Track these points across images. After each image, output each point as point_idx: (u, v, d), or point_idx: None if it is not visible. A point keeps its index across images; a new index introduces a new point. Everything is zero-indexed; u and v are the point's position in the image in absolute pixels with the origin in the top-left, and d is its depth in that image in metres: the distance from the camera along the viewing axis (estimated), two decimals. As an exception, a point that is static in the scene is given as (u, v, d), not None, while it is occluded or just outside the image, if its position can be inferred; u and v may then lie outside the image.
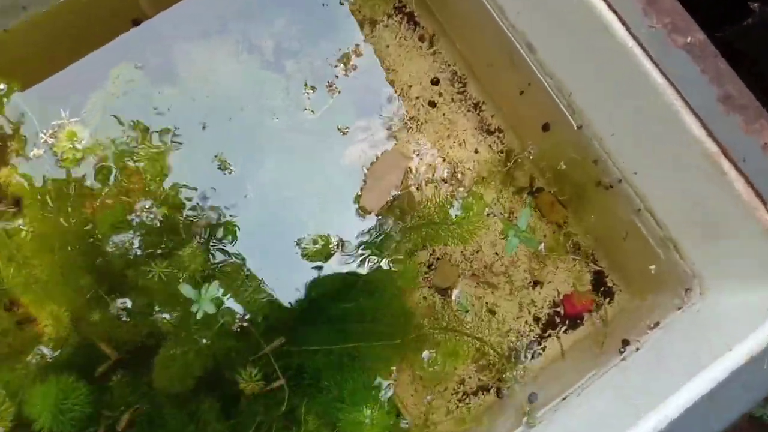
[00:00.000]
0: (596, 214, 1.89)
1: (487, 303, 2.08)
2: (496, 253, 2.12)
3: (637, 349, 1.62)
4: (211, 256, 1.79)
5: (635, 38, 1.37)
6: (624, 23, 1.38)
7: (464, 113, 2.19)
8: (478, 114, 2.19)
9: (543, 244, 1.93)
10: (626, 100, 1.52)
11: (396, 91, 2.19)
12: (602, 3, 1.39)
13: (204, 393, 1.78)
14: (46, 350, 1.57)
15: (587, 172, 1.84)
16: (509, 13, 1.76)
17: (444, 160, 2.14)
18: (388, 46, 2.21)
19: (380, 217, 1.71)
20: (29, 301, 1.75)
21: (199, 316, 1.50)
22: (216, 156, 1.72)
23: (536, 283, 2.10)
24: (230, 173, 1.73)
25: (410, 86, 2.20)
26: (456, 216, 1.66)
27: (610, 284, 2.08)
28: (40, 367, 1.55)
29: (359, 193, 1.76)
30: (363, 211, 1.69)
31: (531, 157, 1.87)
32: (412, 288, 1.95)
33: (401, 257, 1.80)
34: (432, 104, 2.19)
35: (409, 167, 1.86)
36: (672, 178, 1.49)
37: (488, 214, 1.91)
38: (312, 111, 1.75)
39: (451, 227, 1.69)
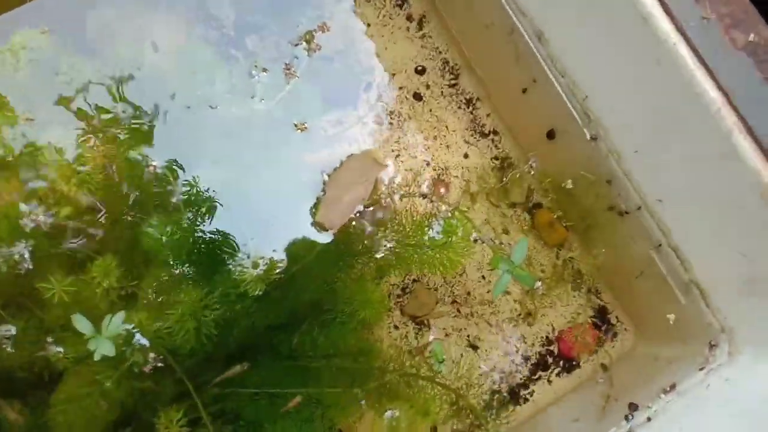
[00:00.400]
0: (604, 243, 1.57)
1: (468, 336, 1.76)
2: (483, 277, 1.80)
3: (649, 419, 1.31)
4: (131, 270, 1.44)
5: (681, 33, 1.04)
6: (668, 12, 1.04)
7: (454, 110, 1.85)
8: (471, 112, 1.86)
9: (540, 283, 1.61)
10: (659, 111, 1.20)
11: (375, 80, 1.84)
12: (641, -17, 1.05)
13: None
14: None
15: (598, 192, 1.51)
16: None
17: (428, 164, 1.81)
18: (369, 25, 1.86)
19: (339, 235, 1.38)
20: None
21: (96, 357, 1.17)
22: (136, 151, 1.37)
23: (527, 315, 1.78)
24: (152, 169, 1.39)
25: (393, 74, 1.85)
26: (435, 239, 1.33)
27: (614, 322, 1.77)
28: None
29: (315, 206, 1.42)
30: (319, 228, 1.36)
31: (532, 173, 1.53)
32: (378, 319, 1.63)
33: (366, 283, 1.47)
34: (418, 97, 1.85)
35: (381, 177, 1.52)
36: (713, 216, 1.17)
37: (475, 240, 1.58)
38: (262, 99, 1.40)
39: (428, 253, 1.36)
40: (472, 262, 1.79)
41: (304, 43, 1.53)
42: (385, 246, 1.40)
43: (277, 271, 1.29)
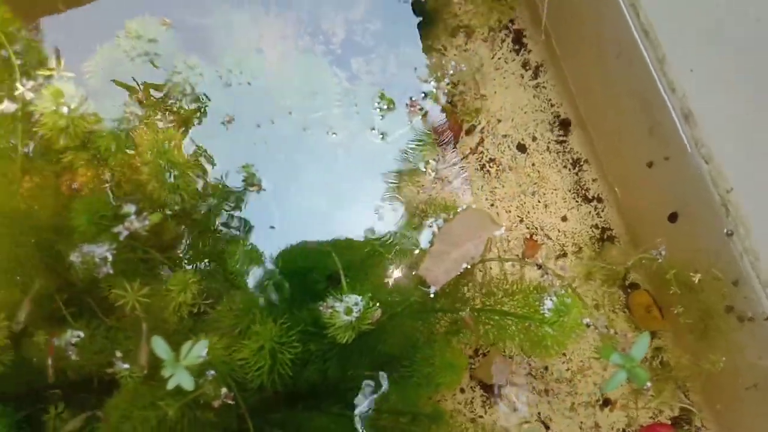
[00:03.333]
0: (712, 344, 1.44)
1: (540, 413, 1.63)
2: (564, 354, 1.67)
3: None
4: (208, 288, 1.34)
5: None
6: None
7: (559, 168, 1.74)
8: (577, 173, 1.74)
9: (650, 383, 1.48)
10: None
11: (479, 123, 1.74)
12: None
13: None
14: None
15: (718, 291, 1.38)
16: (671, 53, 1.30)
17: (521, 221, 1.69)
18: (482, 65, 1.76)
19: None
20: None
21: (170, 386, 1.06)
22: (243, 166, 1.28)
23: (606, 403, 1.64)
24: (259, 192, 1.28)
25: (499, 121, 1.75)
26: (544, 315, 1.21)
27: (699, 425, 1.62)
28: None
29: (421, 258, 1.30)
30: (420, 283, 1.25)
31: (659, 260, 1.40)
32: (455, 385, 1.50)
33: (451, 346, 1.35)
34: (522, 148, 1.74)
35: (493, 238, 1.41)
36: None
37: (588, 325, 1.46)
38: (382, 133, 1.29)
39: (531, 328, 1.24)
40: (554, 334, 1.66)
41: (434, 81, 1.42)
42: (483, 310, 1.29)
43: (369, 322, 1.18)
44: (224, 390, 1.15)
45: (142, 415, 1.22)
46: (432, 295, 1.32)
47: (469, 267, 1.26)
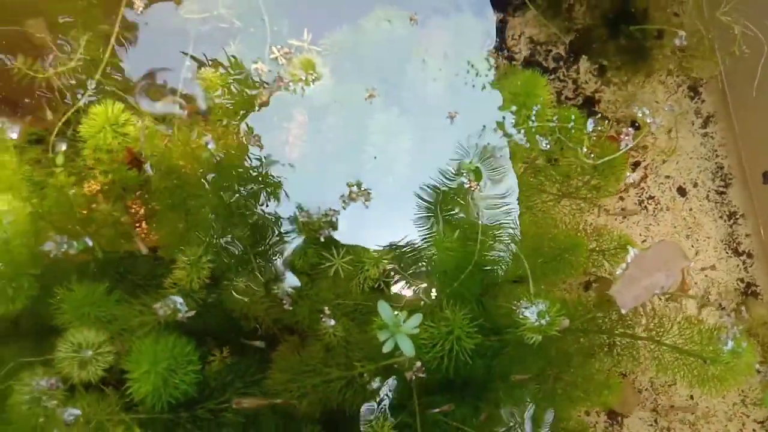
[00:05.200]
0: None
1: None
2: (691, 397, 1.70)
3: None
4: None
5: None
6: None
7: (714, 218, 1.78)
8: (731, 226, 1.77)
9: None
10: None
11: (644, 161, 1.79)
12: None
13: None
14: (179, 303, 1.22)
15: None
16: None
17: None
18: (656, 102, 1.81)
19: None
20: (165, 233, 1.41)
21: (386, 348, 1.13)
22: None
23: (726, 454, 1.67)
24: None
25: (663, 161, 1.79)
26: (719, 354, 1.25)
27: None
28: (163, 320, 1.20)
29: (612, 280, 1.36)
30: (608, 302, 1.31)
31: None
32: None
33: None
34: (682, 192, 1.78)
35: (686, 272, 1.46)
36: None
37: (758, 371, 1.49)
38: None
39: (703, 366, 1.28)
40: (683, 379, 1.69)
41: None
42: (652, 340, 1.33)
43: (557, 329, 1.23)
44: (418, 363, 1.21)
45: (325, 371, 1.29)
46: (605, 317, 1.37)
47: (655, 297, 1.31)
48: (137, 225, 1.38)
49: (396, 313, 1.18)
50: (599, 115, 1.73)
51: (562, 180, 1.63)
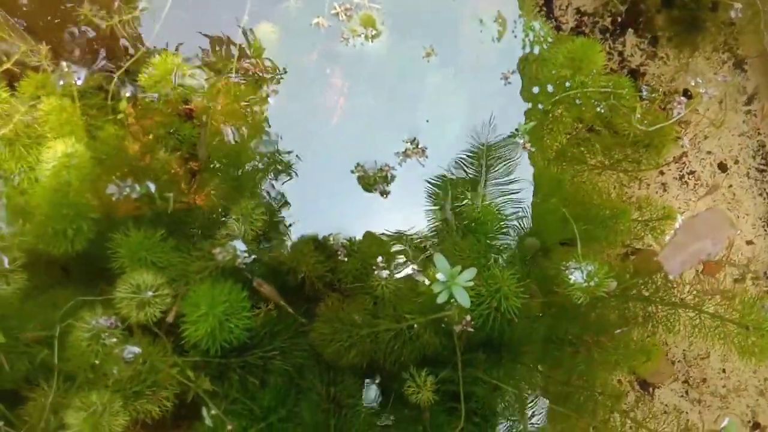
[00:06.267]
0: None
1: (687, 421, 1.68)
2: (723, 370, 1.72)
3: None
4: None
5: None
6: None
7: (754, 195, 1.78)
8: (770, 204, 1.78)
9: None
10: None
11: (686, 135, 1.79)
12: None
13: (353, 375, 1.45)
14: (240, 249, 1.24)
15: None
16: None
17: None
18: (702, 76, 1.81)
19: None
20: (218, 186, 1.43)
21: (440, 300, 1.15)
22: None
23: (756, 426, 1.69)
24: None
25: (705, 137, 1.80)
26: (759, 323, 1.26)
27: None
28: (221, 265, 1.23)
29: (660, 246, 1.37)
30: (646, 273, 1.32)
31: None
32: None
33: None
34: (723, 167, 1.78)
35: (732, 240, 1.47)
36: None
37: None
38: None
39: (743, 333, 1.29)
40: (718, 353, 1.71)
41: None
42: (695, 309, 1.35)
43: (605, 291, 1.25)
44: (467, 317, 1.23)
45: (374, 322, 1.31)
46: (646, 286, 1.38)
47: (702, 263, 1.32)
48: (193, 176, 1.40)
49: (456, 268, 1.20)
50: (651, 86, 1.72)
51: (604, 151, 1.65)
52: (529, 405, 1.49)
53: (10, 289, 1.22)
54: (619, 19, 1.79)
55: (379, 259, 1.26)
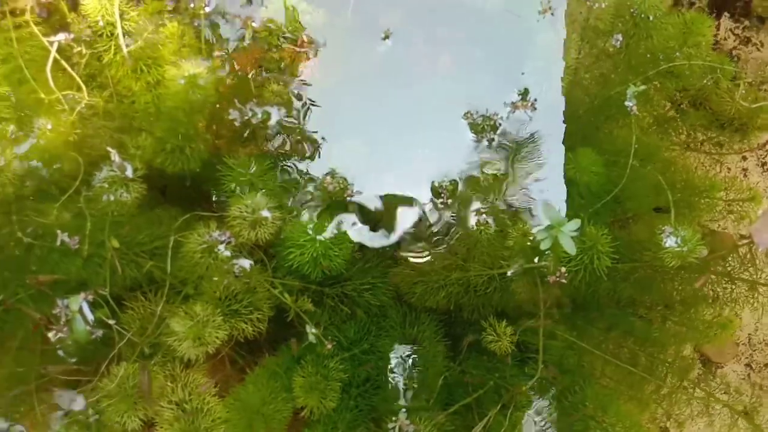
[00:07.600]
0: None
1: (746, 405, 1.71)
2: (787, 359, 1.74)
3: None
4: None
5: None
6: None
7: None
8: None
9: None
10: None
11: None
12: None
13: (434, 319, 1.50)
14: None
15: None
16: None
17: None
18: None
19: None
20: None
21: (543, 246, 1.18)
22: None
23: (815, 416, 1.70)
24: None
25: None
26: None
27: None
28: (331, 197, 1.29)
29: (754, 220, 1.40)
30: (748, 238, 1.35)
31: None
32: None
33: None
34: (804, 160, 1.79)
35: None
36: None
37: None
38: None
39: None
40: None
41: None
42: None
43: (696, 257, 1.28)
44: (563, 269, 1.26)
45: (467, 266, 1.36)
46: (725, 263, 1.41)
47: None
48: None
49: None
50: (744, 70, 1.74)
51: (689, 131, 1.67)
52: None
53: (130, 198, 1.27)
54: (716, 2, 1.80)
55: (479, 204, 1.30)
